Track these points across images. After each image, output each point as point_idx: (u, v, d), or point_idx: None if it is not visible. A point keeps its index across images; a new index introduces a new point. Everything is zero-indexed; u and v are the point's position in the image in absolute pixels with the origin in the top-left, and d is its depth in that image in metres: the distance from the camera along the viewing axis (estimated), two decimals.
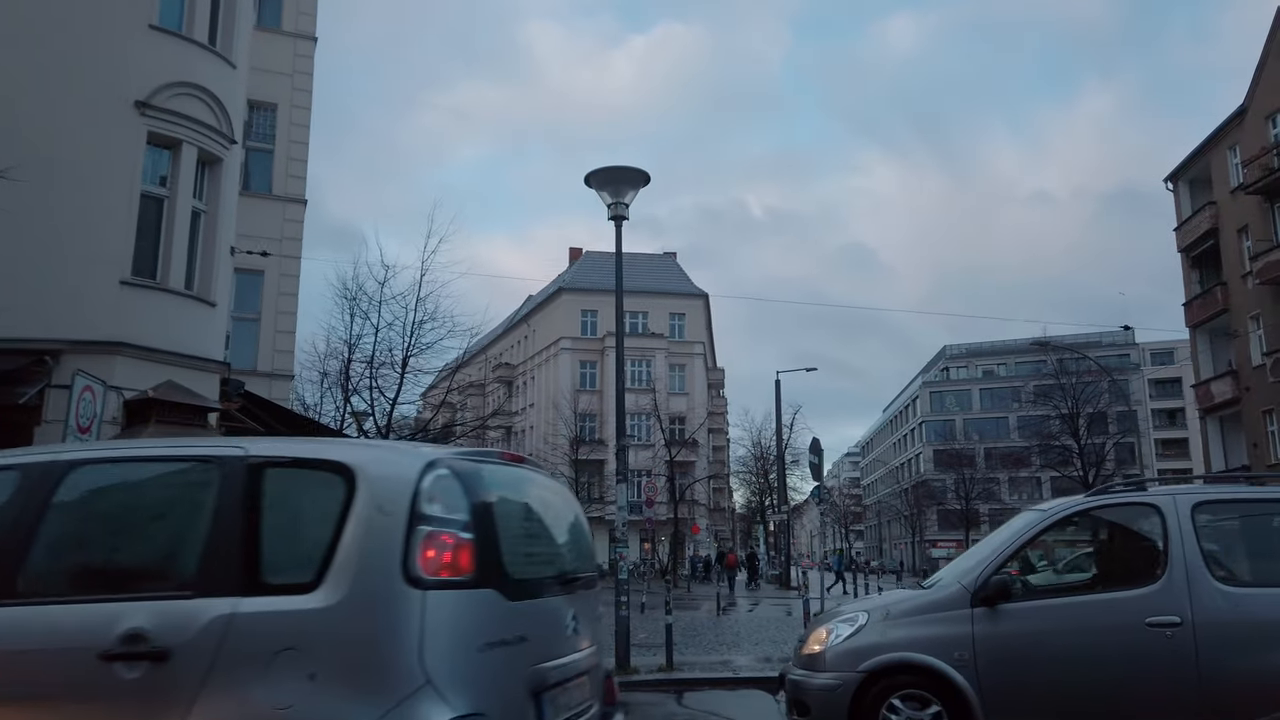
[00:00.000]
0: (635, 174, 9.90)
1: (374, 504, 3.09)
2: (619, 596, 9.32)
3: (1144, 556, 5.27)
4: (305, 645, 2.92)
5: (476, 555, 3.09)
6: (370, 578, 2.99)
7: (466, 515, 3.12)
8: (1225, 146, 35.30)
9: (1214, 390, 36.33)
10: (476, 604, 3.07)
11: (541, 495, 3.91)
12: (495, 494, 3.35)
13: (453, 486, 3.15)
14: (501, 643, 3.13)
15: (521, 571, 3.39)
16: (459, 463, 3.31)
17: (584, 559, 4.09)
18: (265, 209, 18.22)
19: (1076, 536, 5.57)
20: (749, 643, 12.89)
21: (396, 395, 21.64)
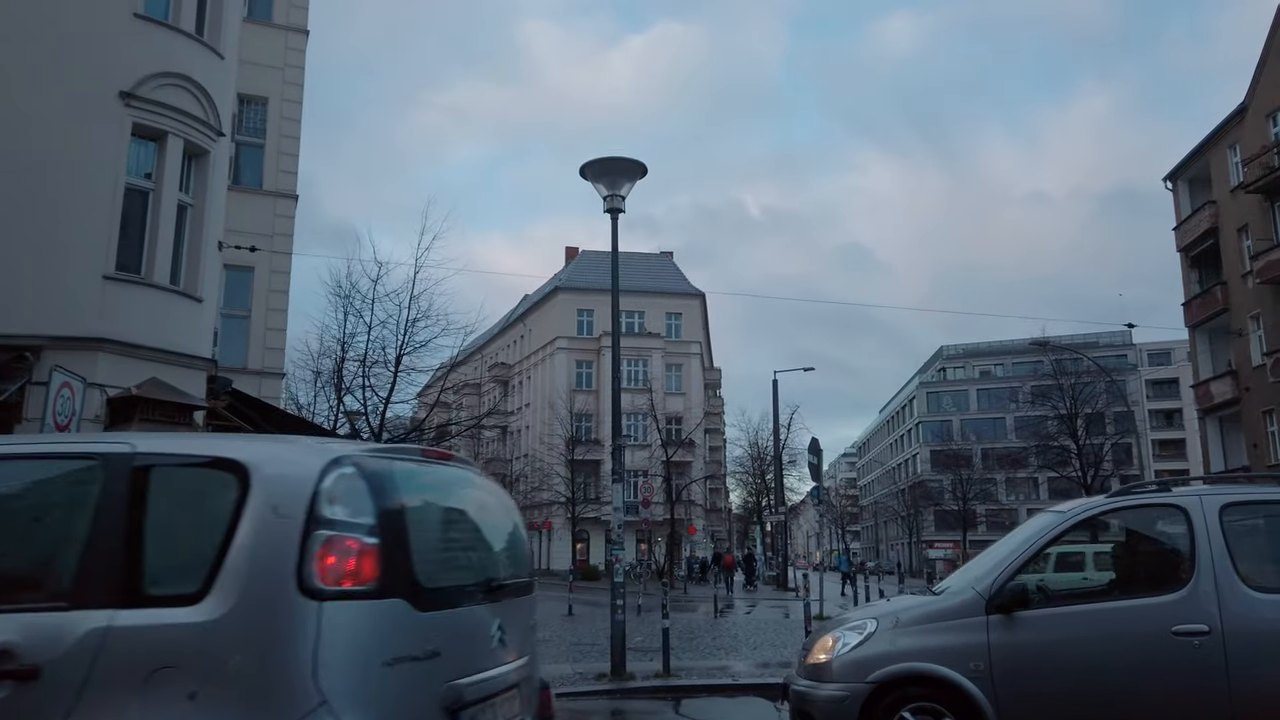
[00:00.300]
0: (632, 165, 9.63)
1: (268, 506, 2.83)
2: (614, 600, 9.05)
3: (1169, 561, 5.00)
4: (186, 662, 2.66)
5: (382, 562, 2.83)
6: (260, 588, 2.73)
7: (372, 518, 2.85)
8: (1225, 145, 35.10)
9: (1213, 390, 36.13)
10: (381, 616, 2.81)
11: (468, 496, 3.64)
12: (409, 495, 3.09)
13: (358, 487, 2.89)
14: (410, 658, 2.86)
15: (437, 579, 3.11)
16: (368, 461, 3.05)
17: (516, 564, 3.80)
18: (256, 204, 17.94)
19: (1097, 540, 5.29)
20: (747, 647, 12.63)
21: (389, 394, 21.36)
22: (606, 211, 9.86)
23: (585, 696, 8.37)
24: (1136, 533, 5.23)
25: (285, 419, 14.20)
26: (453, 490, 3.55)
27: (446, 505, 3.51)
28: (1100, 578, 5.31)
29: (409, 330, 21.34)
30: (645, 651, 11.53)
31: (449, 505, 3.52)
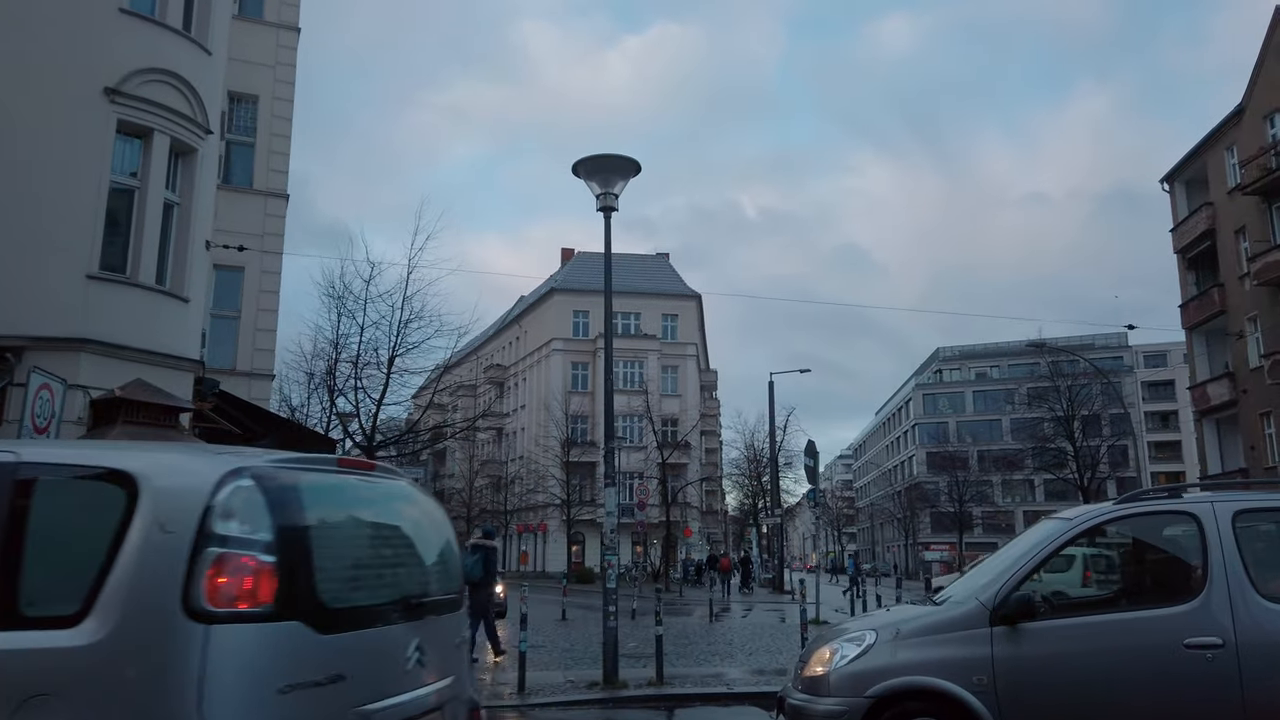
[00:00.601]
0: (625, 162, 9.44)
1: (155, 521, 2.65)
2: (607, 606, 8.85)
3: (1180, 570, 4.81)
4: (61, 690, 2.48)
5: (280, 582, 2.64)
6: (143, 610, 2.55)
7: (270, 535, 2.67)
8: (1222, 147, 35.00)
9: (1210, 392, 36.01)
10: (277, 639, 2.62)
11: (390, 510, 3.45)
12: (317, 509, 2.91)
13: (256, 501, 2.70)
14: (310, 683, 2.68)
15: (344, 599, 2.93)
16: (271, 473, 2.86)
17: (442, 580, 3.62)
18: (246, 203, 17.74)
19: (1105, 548, 5.09)
20: (743, 653, 12.44)
21: (382, 396, 21.14)
22: (600, 210, 9.67)
23: (576, 706, 8.18)
24: (1145, 541, 5.04)
25: (274, 421, 13.99)
26: (371, 504, 3.37)
27: (362, 520, 3.33)
28: (1108, 589, 5.11)
29: (402, 331, 21.16)
30: (639, 658, 11.34)
31: (365, 520, 3.35)
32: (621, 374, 58.67)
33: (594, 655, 11.83)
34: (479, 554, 12.57)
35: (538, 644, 13.64)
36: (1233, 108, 34.14)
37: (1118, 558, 5.23)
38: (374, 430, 21.26)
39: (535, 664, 10.87)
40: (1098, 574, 5.18)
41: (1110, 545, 5.10)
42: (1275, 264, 30.78)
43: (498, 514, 58.26)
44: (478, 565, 12.33)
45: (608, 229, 9.70)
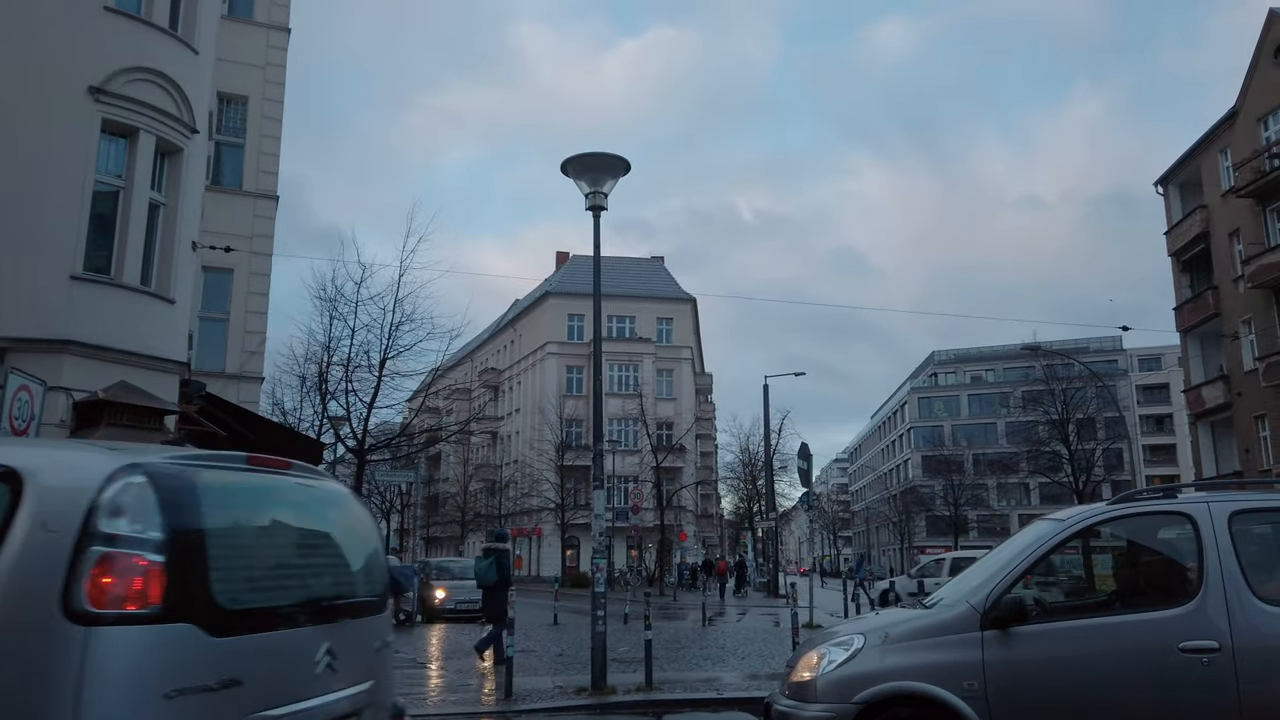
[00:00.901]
0: (614, 161, 9.34)
1: (38, 519, 2.55)
2: (595, 610, 8.73)
3: (1175, 572, 4.69)
4: None
5: (170, 582, 2.55)
6: (18, 611, 2.45)
7: (160, 533, 2.58)
8: (1216, 150, 35.01)
9: (1205, 395, 35.99)
10: (164, 643, 2.53)
11: (302, 509, 3.35)
12: (215, 508, 2.82)
13: (147, 498, 2.61)
14: (200, 689, 2.58)
15: (242, 600, 2.84)
16: (166, 469, 2.76)
17: (360, 582, 3.50)
18: (235, 204, 17.63)
19: (1098, 549, 4.98)
20: (735, 657, 12.31)
21: (373, 399, 21.01)
22: (589, 209, 9.56)
23: (562, 712, 8.05)
24: (1140, 542, 4.93)
25: (262, 424, 13.86)
26: (281, 504, 3.26)
27: (268, 519, 3.24)
28: (1101, 591, 4.99)
29: (393, 334, 21.03)
30: (629, 663, 11.21)
31: (272, 519, 3.25)
32: (616, 378, 58.58)
33: (585, 660, 11.69)
34: (491, 557, 12.43)
35: (528, 649, 13.52)
36: (1226, 110, 34.17)
37: (1111, 560, 5.12)
38: (365, 433, 21.12)
39: (525, 669, 10.75)
40: (1091, 576, 5.06)
41: (1104, 547, 4.99)
42: (1269, 266, 30.78)
43: (492, 518, 58.07)
44: (491, 569, 12.19)
45: (596, 228, 9.60)
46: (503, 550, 12.75)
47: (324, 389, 22.03)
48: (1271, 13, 31.86)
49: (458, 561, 22.58)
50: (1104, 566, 5.08)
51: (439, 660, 12.38)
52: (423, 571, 19.70)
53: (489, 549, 12.99)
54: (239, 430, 13.51)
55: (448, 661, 12.11)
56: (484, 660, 11.56)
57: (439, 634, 16.34)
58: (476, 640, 12.35)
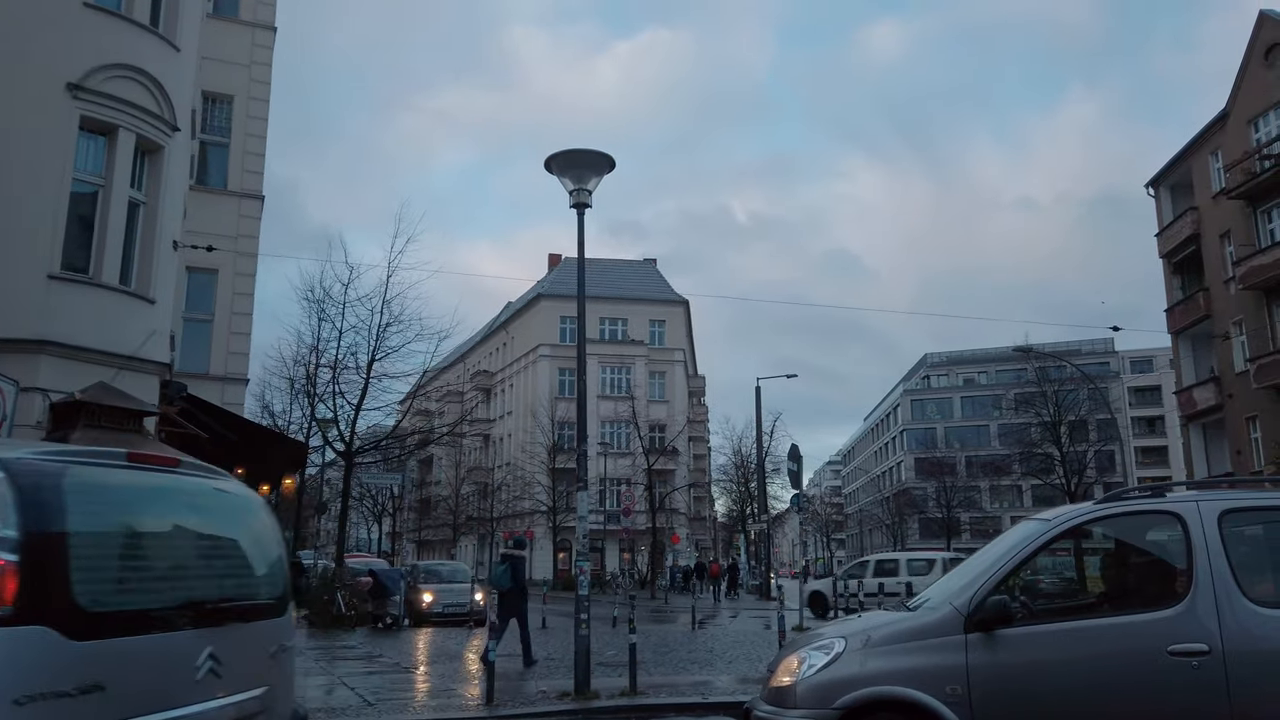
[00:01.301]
0: (598, 158, 9.21)
1: None
2: (579, 614, 8.59)
3: (1164, 573, 4.57)
4: None
5: (23, 583, 2.45)
6: None
7: (15, 531, 2.48)
8: (1207, 151, 35.05)
9: (1196, 397, 36.00)
10: (15, 645, 2.43)
11: (187, 508, 3.23)
12: (82, 505, 2.71)
13: (2, 495, 2.52)
14: (56, 694, 2.47)
15: (109, 602, 2.73)
16: (29, 465, 2.66)
17: (253, 585, 3.38)
18: (220, 205, 17.48)
19: (1085, 550, 4.86)
20: (723, 660, 12.18)
21: (360, 400, 20.81)
22: (572, 207, 9.43)
23: (544, 718, 7.92)
24: (1127, 542, 4.80)
25: (245, 426, 13.69)
26: (163, 502, 3.15)
27: (147, 518, 3.11)
28: (1089, 592, 4.86)
29: (381, 335, 20.83)
30: (616, 666, 11.06)
31: (152, 518, 3.13)
32: (608, 380, 58.45)
33: (571, 665, 11.56)
34: (507, 564, 12.65)
35: (514, 653, 13.37)
36: (1217, 113, 34.21)
37: (1099, 561, 5.00)
38: (353, 436, 20.94)
39: (509, 674, 10.60)
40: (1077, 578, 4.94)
41: (1091, 548, 4.86)
42: (1260, 268, 30.80)
43: (484, 521, 57.86)
44: (505, 575, 12.42)
45: (581, 225, 9.47)
46: (518, 557, 13.03)
47: (311, 391, 21.87)
48: (1262, 14, 31.92)
49: (446, 565, 22.42)
50: (1091, 567, 4.96)
51: (424, 664, 12.23)
52: (410, 575, 19.54)
53: (506, 555, 13.15)
54: (221, 432, 13.35)
55: (433, 665, 11.97)
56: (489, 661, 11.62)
57: (425, 637, 16.18)
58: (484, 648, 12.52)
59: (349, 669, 11.60)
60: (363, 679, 10.57)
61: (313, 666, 11.70)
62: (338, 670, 11.35)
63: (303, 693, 9.32)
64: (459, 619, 18.52)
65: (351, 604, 18.27)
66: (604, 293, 60.79)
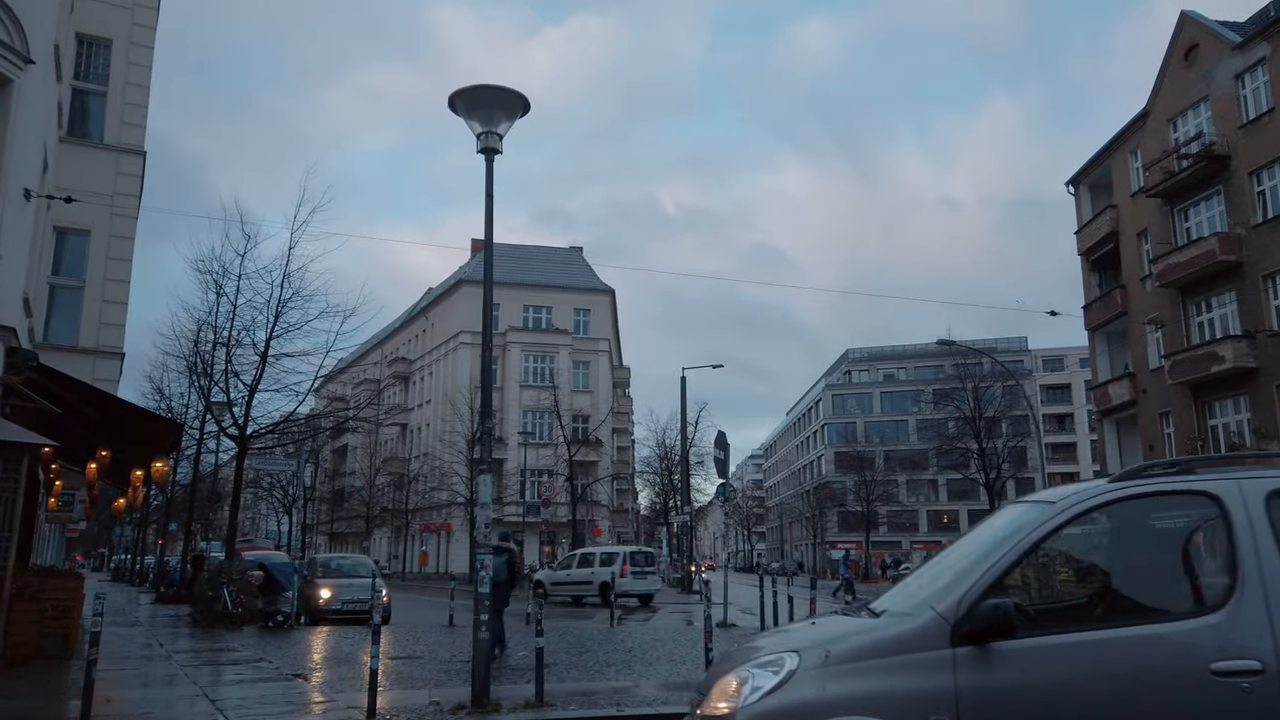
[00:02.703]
0: (510, 97, 8.09)
1: None
2: (477, 614, 7.47)
3: (1200, 570, 3.70)
4: None
5: None
6: None
7: None
8: (1127, 150, 35.51)
9: (1111, 392, 36.53)
10: None
11: None
12: None
13: None
14: None
15: None
16: None
17: None
18: (95, 159, 15.76)
19: (1097, 539, 3.97)
20: (643, 663, 11.18)
21: (255, 381, 19.14)
22: (480, 152, 8.29)
23: None
24: (1151, 531, 3.91)
25: (109, 402, 12.13)
26: None
27: None
28: (1104, 595, 3.92)
29: (281, 309, 19.18)
30: (524, 671, 9.98)
31: None
32: (531, 369, 57.06)
33: None
34: (504, 556, 12.75)
35: (414, 654, 12.16)
36: (1137, 112, 34.66)
37: (1115, 553, 4.10)
38: (247, 418, 19.27)
39: (401, 680, 9.41)
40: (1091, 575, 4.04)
41: (1104, 537, 3.97)
42: (1177, 265, 31.23)
43: (399, 513, 55.91)
44: (504, 567, 12.62)
45: (489, 173, 8.33)
46: (512, 550, 13.23)
47: (201, 370, 20.08)
48: (1183, 15, 32.33)
49: (347, 558, 20.84)
50: (1107, 562, 4.07)
51: (317, 669, 10.92)
52: (306, 568, 18.00)
53: (500, 548, 13.12)
54: (78, 407, 11.79)
55: (325, 671, 10.67)
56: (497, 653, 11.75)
57: (321, 638, 14.79)
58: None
59: (222, 677, 10.25)
60: (234, 689, 9.26)
61: (178, 674, 10.30)
62: (206, 678, 10.00)
63: (150, 710, 7.98)
64: (359, 617, 17.14)
65: (240, 600, 16.72)
66: (529, 279, 59.36)
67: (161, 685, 9.64)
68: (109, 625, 17.21)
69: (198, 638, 14.89)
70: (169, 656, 11.93)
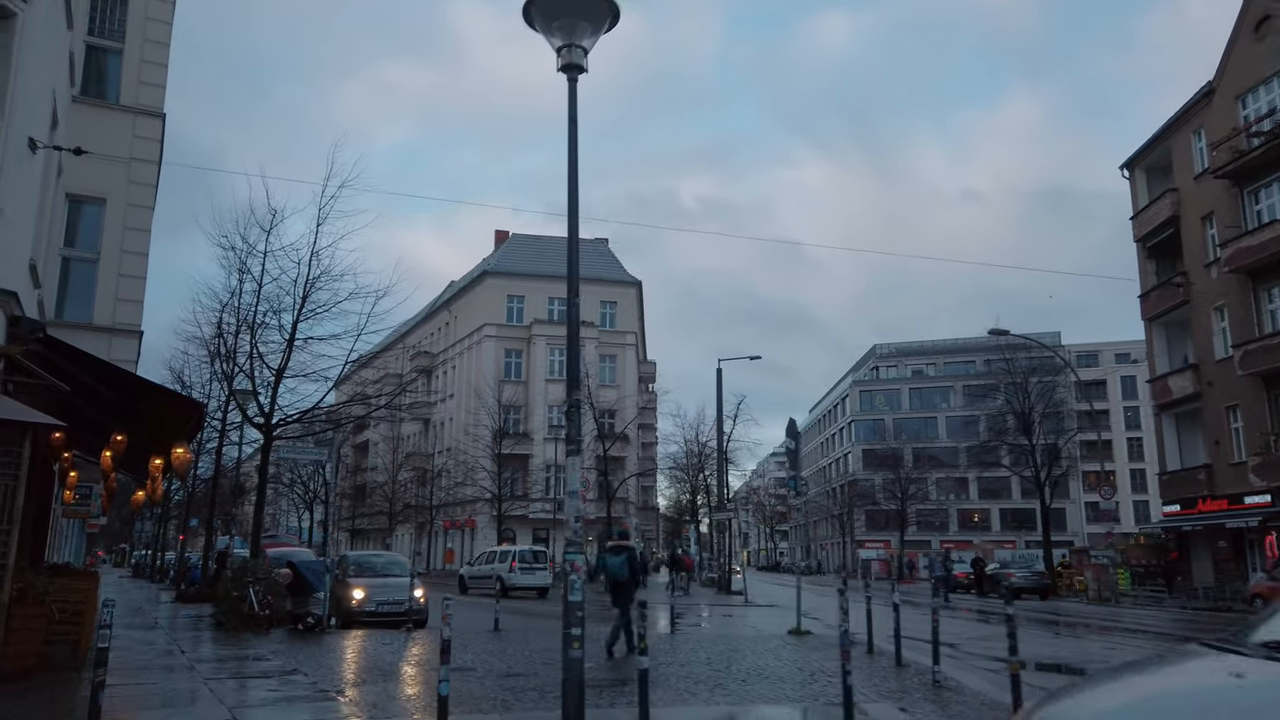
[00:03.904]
0: (596, 3, 6.69)
1: None
2: (569, 629, 6.07)
3: None
4: None
5: None
6: None
7: None
8: (1189, 130, 33.77)
9: (1172, 385, 34.79)
10: None
11: None
12: None
13: None
14: None
15: None
16: None
17: None
18: (110, 121, 14.49)
19: None
20: (734, 679, 9.71)
21: (283, 365, 17.86)
22: (561, 70, 6.88)
23: None
24: None
25: (126, 380, 10.82)
26: None
27: None
28: None
29: (309, 288, 17.89)
30: (601, 689, 8.60)
31: None
32: (557, 362, 55.75)
33: (543, 686, 9.04)
34: (624, 554, 12.84)
35: (465, 665, 10.81)
36: (1200, 88, 32.91)
37: None
38: (273, 405, 17.99)
39: (462, 700, 8.04)
40: None
41: None
42: (1246, 250, 29.52)
43: (422, 509, 54.74)
44: (624, 566, 12.70)
45: (572, 96, 6.93)
46: (632, 548, 13.17)
47: (224, 353, 18.82)
48: None
49: (380, 556, 19.44)
50: None
51: (358, 684, 9.59)
52: (338, 567, 16.68)
53: (619, 546, 13.21)
54: (91, 386, 10.49)
55: (368, 687, 9.32)
56: (612, 655, 11.70)
57: (356, 644, 13.46)
58: (605, 639, 12.19)
59: (251, 694, 8.91)
60: (267, 711, 7.93)
61: (201, 689, 8.96)
62: (234, 695, 8.66)
63: None
64: (395, 620, 15.81)
65: (267, 602, 15.42)
66: (553, 271, 57.98)
67: (184, 705, 8.32)
68: (127, 629, 15.98)
69: (222, 643, 13.60)
70: (191, 667, 10.61)
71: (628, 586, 12.48)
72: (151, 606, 22.51)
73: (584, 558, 6.47)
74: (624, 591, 12.43)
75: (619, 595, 12.52)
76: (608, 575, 13.00)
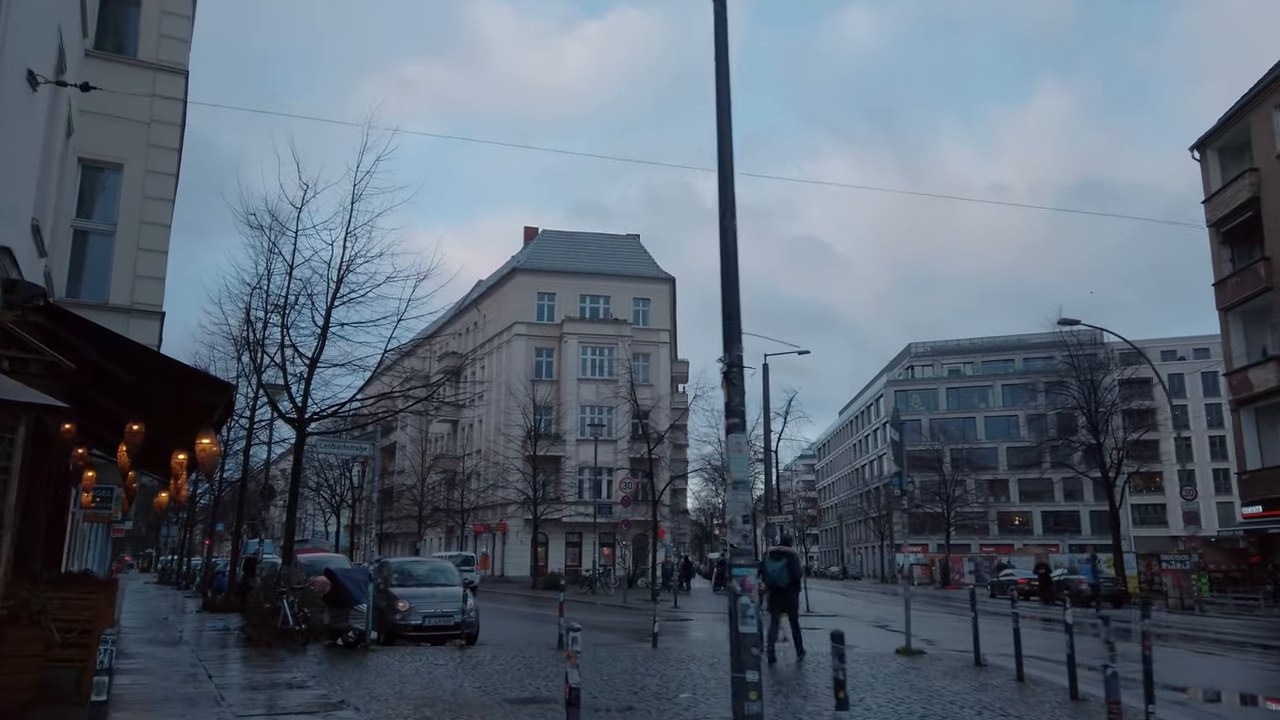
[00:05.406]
0: None
1: None
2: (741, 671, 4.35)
3: None
4: None
5: None
6: None
7: None
8: (1271, 105, 31.65)
9: (1252, 378, 32.66)
10: None
11: None
12: None
13: None
14: None
15: None
16: None
17: None
18: (129, 78, 12.99)
19: None
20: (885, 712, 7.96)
21: (317, 353, 16.32)
22: None
23: None
24: None
25: (144, 357, 9.24)
26: None
27: None
28: None
29: (344, 270, 16.34)
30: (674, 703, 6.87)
31: None
32: (589, 361, 54.23)
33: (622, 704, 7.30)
34: (784, 560, 12.95)
35: (541, 695, 9.11)
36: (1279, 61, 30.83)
37: None
38: (306, 397, 16.45)
39: None
40: None
41: None
42: None
43: (452, 513, 53.26)
44: (784, 571, 12.84)
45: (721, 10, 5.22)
46: (793, 554, 13.48)
47: (250, 339, 17.33)
48: None
49: (425, 562, 17.72)
50: None
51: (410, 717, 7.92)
52: (379, 575, 15.05)
53: (780, 551, 13.32)
54: (102, 365, 8.91)
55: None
56: (774, 660, 11.59)
57: (405, 664, 11.81)
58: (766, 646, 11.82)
59: None
60: None
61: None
62: None
63: None
64: (445, 634, 14.17)
65: (302, 615, 13.83)
66: (586, 267, 56.54)
67: None
68: (149, 644, 14.43)
69: (253, 664, 12.00)
70: (219, 698, 8.99)
71: (788, 592, 12.86)
72: (176, 617, 21.03)
73: (755, 574, 4.73)
74: (784, 597, 12.82)
75: (779, 601, 12.87)
76: (768, 580, 13.08)
